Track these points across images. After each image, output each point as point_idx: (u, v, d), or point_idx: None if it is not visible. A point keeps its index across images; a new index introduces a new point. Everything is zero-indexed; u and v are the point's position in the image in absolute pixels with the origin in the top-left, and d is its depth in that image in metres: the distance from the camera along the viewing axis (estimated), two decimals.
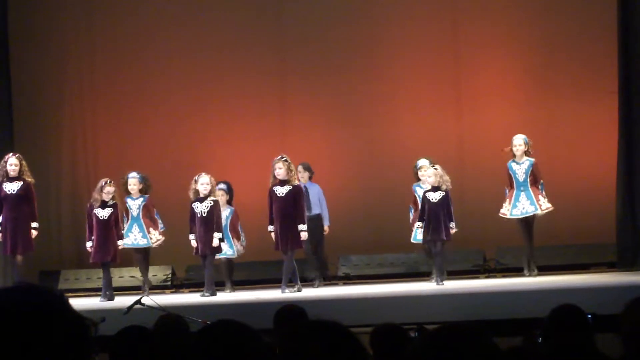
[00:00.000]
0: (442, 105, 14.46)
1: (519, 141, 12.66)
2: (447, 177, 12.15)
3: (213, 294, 12.11)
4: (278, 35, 15.04)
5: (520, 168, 12.61)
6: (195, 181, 12.27)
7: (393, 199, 12.16)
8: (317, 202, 12.98)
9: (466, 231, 12.82)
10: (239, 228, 12.94)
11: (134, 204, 12.88)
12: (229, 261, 12.89)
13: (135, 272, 14.26)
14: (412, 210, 12.66)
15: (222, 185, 12.84)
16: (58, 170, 15.44)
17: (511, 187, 12.61)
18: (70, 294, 12.11)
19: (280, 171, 12.00)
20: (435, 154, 12.76)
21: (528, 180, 12.54)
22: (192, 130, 15.08)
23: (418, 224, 12.18)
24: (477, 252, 13.71)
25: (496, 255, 13.68)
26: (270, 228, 12.07)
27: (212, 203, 12.19)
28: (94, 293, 12.89)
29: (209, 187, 12.19)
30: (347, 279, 13.97)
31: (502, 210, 12.61)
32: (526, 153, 12.64)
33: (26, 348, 1.93)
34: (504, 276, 13.10)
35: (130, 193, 12.91)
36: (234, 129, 14.87)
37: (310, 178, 13.06)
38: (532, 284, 11.31)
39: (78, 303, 10.02)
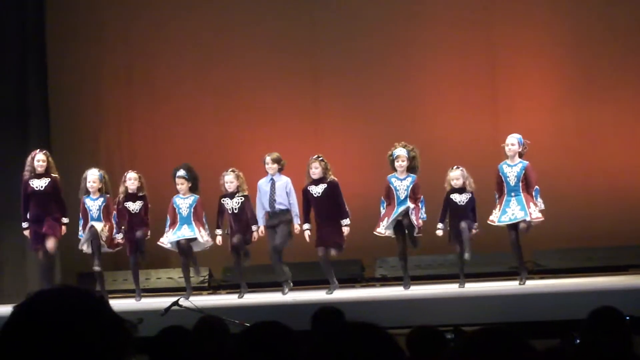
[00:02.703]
0: (478, 108, 14.42)
1: (512, 140, 11.67)
2: (471, 179, 12.01)
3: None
4: (311, 38, 15.12)
5: (512, 171, 11.60)
6: (222, 178, 12.31)
7: (428, 200, 12.10)
8: (285, 196, 12.21)
9: (503, 233, 12.75)
10: (204, 218, 12.51)
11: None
12: (190, 246, 12.42)
13: (173, 274, 14.29)
14: (384, 204, 12.07)
15: (182, 172, 12.42)
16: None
17: (501, 192, 11.68)
18: (108, 296, 12.19)
19: (316, 171, 12.04)
20: (470, 156, 12.70)
21: (520, 185, 11.53)
22: (226, 132, 15.16)
23: (439, 225, 11.97)
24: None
25: (533, 257, 13.61)
26: (306, 226, 12.07)
27: (243, 199, 12.24)
28: (132, 294, 12.95)
29: (232, 185, 12.23)
30: (384, 281, 13.98)
31: (490, 217, 11.77)
32: (520, 155, 11.68)
33: (67, 350, 1.95)
34: (541, 278, 13.04)
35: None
36: (268, 129, 14.90)
37: (280, 170, 12.30)
38: (570, 285, 11.25)
39: (115, 304, 10.09)
